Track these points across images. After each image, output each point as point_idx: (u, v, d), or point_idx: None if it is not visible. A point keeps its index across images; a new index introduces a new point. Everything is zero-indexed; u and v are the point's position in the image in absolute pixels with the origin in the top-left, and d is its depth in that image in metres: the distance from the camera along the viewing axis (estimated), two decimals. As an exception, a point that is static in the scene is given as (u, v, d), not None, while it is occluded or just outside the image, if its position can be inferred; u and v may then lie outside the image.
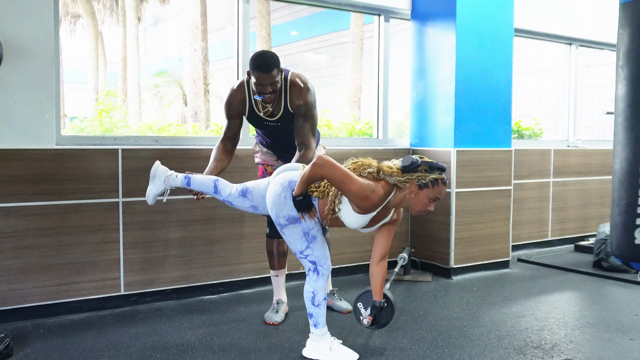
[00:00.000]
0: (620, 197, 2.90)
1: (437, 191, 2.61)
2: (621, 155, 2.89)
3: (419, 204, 2.63)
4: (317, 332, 2.81)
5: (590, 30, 5.83)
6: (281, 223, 2.73)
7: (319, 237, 2.76)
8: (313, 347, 2.83)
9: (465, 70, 4.41)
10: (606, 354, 2.93)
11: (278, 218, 2.73)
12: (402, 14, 4.78)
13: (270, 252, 3.51)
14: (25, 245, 3.32)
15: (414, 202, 2.63)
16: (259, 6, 10.55)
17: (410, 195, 2.61)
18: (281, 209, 2.71)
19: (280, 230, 2.77)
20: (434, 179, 2.59)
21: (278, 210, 2.71)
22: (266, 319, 3.37)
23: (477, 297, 3.96)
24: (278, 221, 2.74)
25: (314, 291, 2.78)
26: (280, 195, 2.70)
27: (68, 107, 16.74)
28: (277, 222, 2.75)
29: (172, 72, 17.33)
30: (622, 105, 2.85)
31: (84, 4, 16.57)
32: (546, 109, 8.89)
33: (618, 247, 2.82)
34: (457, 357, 2.87)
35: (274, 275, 3.54)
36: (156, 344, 3.00)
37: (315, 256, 2.76)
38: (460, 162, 4.44)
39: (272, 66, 3.05)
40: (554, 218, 5.68)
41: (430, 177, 2.59)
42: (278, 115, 3.24)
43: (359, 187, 2.52)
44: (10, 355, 2.79)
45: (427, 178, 2.59)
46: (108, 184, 3.53)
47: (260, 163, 3.54)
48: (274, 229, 3.40)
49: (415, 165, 2.58)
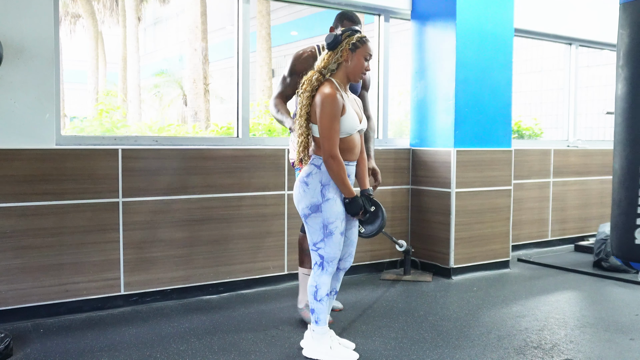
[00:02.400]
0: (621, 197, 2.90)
1: (367, 48, 2.78)
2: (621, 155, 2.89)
3: (357, 66, 2.78)
4: (318, 329, 2.81)
5: (590, 30, 5.83)
6: (305, 214, 2.79)
7: (336, 235, 2.75)
8: (313, 346, 2.83)
9: (465, 70, 4.41)
10: (606, 354, 2.93)
11: (303, 210, 2.79)
12: (402, 14, 4.78)
13: (302, 249, 3.43)
14: (25, 245, 3.32)
15: (352, 67, 2.77)
16: (259, 6, 10.55)
17: (347, 63, 2.77)
18: (301, 201, 2.78)
19: (305, 222, 2.80)
20: (360, 38, 2.77)
21: (301, 204, 2.79)
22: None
23: (477, 297, 3.96)
24: (303, 212, 2.79)
25: (316, 285, 2.79)
26: (299, 191, 2.79)
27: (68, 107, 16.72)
28: (303, 215, 2.79)
29: (172, 72, 17.33)
30: (623, 105, 2.85)
31: (84, 4, 16.56)
32: (546, 109, 8.89)
33: (618, 247, 2.82)
34: (457, 357, 2.86)
35: (305, 274, 3.45)
36: (156, 344, 3.01)
37: (326, 252, 2.77)
38: (460, 162, 4.44)
39: (360, 21, 3.33)
40: (554, 218, 5.68)
41: (355, 36, 2.76)
42: None
43: (329, 115, 2.68)
44: (10, 355, 2.79)
45: (354, 39, 2.76)
46: (108, 184, 3.53)
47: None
48: None
49: (339, 37, 2.75)
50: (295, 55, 3.42)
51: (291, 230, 4.16)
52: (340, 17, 3.43)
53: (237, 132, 4.13)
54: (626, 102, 2.83)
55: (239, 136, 4.12)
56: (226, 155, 3.92)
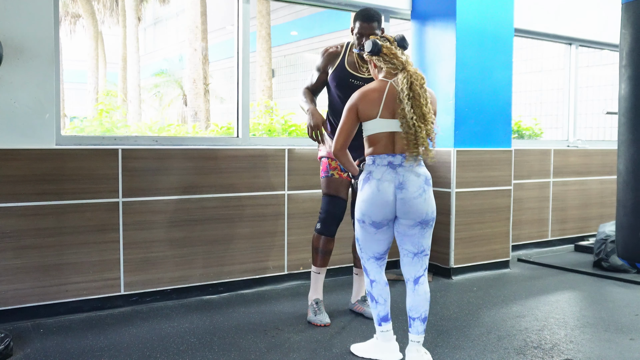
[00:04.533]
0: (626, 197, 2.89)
1: None
2: (626, 156, 2.87)
3: None
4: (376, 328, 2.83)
5: (590, 30, 5.83)
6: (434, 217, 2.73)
7: (358, 230, 2.74)
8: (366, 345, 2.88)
9: (465, 70, 4.41)
10: (606, 354, 2.93)
11: (434, 213, 2.71)
12: (402, 14, 4.78)
13: (315, 248, 3.41)
14: (25, 245, 3.32)
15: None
16: (259, 6, 10.55)
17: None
18: (433, 204, 2.73)
19: (430, 227, 2.69)
20: None
21: (433, 206, 2.72)
22: (313, 321, 3.32)
23: (477, 297, 3.96)
24: (434, 216, 2.70)
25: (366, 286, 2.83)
26: (430, 193, 2.73)
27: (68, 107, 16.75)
28: (433, 219, 2.70)
29: (172, 72, 17.34)
30: (626, 105, 2.84)
31: (84, 4, 16.57)
32: (546, 109, 8.89)
33: (624, 248, 2.80)
34: (457, 357, 2.86)
35: (316, 272, 3.44)
36: (156, 344, 3.01)
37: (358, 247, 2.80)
38: (460, 162, 4.44)
39: (374, 18, 3.16)
40: (554, 218, 5.68)
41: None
42: (369, 76, 3.24)
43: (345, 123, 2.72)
44: (10, 355, 2.79)
45: None
46: (108, 184, 3.53)
47: (324, 157, 3.43)
48: (326, 225, 3.37)
49: (379, 45, 2.70)
50: (322, 52, 3.42)
51: (291, 230, 4.16)
52: (354, 18, 3.25)
53: (237, 132, 4.13)
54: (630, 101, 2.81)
55: (239, 136, 4.12)
56: (226, 155, 3.92)
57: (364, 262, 2.79)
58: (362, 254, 2.78)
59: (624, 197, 2.76)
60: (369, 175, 2.65)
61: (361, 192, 2.67)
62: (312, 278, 3.47)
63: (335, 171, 3.36)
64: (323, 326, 3.28)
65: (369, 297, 2.79)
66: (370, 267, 2.77)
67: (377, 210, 2.62)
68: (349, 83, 3.28)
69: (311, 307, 3.40)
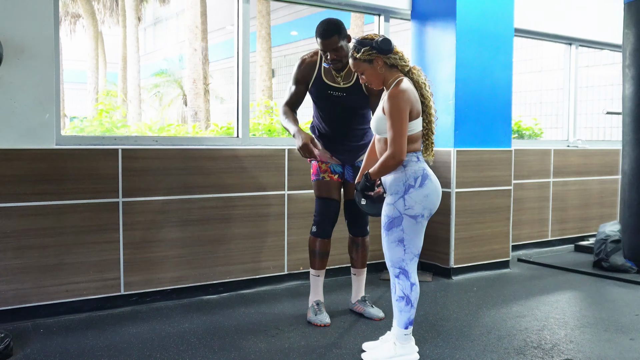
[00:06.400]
0: (632, 198, 2.87)
1: None
2: (630, 156, 2.84)
3: None
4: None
5: (590, 30, 5.83)
6: None
7: (409, 229, 2.70)
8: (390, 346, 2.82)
9: (465, 70, 4.41)
10: (606, 354, 2.93)
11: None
12: (402, 14, 4.78)
13: (313, 250, 3.42)
14: (25, 245, 3.32)
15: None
16: (259, 6, 10.55)
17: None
18: None
19: None
20: None
21: None
22: (314, 321, 3.32)
23: (477, 297, 3.96)
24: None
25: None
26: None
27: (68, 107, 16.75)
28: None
29: (172, 72, 17.36)
30: (630, 105, 2.81)
31: (84, 4, 16.58)
32: (546, 109, 8.90)
33: (630, 249, 2.79)
34: (457, 357, 2.87)
35: (315, 275, 3.44)
36: (156, 344, 3.01)
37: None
38: (460, 162, 4.44)
39: (331, 32, 3.10)
40: (554, 218, 5.68)
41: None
42: (346, 85, 3.22)
43: (398, 120, 2.61)
44: (10, 355, 2.79)
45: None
46: (108, 184, 3.53)
47: (313, 159, 3.42)
48: (322, 227, 3.37)
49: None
50: (299, 62, 3.36)
51: (291, 230, 4.16)
52: (315, 34, 3.18)
53: (237, 132, 4.13)
54: (634, 101, 2.78)
55: (239, 136, 4.12)
56: (226, 155, 3.92)
57: (405, 265, 2.69)
58: (405, 256, 2.68)
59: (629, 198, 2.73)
60: (424, 171, 2.71)
61: (422, 188, 2.69)
62: (311, 281, 3.47)
63: (325, 174, 3.38)
64: (323, 326, 3.28)
65: (404, 301, 2.69)
66: (412, 268, 2.70)
67: (438, 202, 2.78)
68: (327, 95, 3.28)
69: (312, 308, 3.40)
